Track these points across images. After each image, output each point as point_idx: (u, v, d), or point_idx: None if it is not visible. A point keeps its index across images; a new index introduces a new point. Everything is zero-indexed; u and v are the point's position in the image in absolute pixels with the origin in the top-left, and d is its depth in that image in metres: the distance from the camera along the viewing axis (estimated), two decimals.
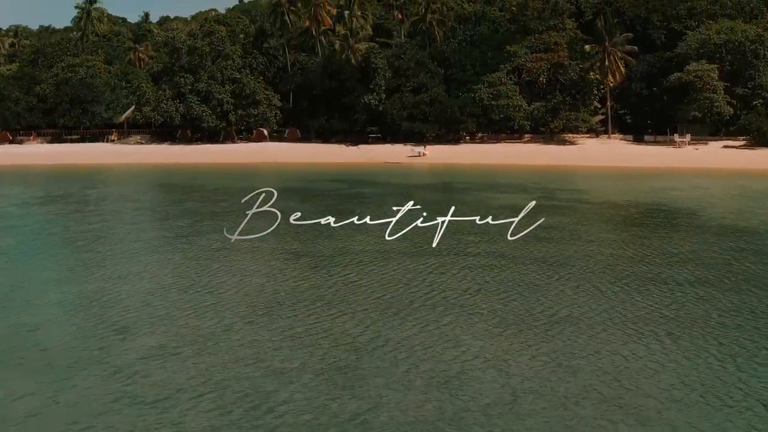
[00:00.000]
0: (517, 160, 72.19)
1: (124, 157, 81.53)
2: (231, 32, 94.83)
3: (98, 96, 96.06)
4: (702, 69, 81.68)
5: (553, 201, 39.77)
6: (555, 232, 28.96)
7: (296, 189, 47.53)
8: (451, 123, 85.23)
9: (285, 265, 23.51)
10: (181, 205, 39.99)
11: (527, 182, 51.95)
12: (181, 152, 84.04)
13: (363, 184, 50.15)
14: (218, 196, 43.63)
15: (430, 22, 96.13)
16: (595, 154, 76.35)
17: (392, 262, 23.42)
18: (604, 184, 50.93)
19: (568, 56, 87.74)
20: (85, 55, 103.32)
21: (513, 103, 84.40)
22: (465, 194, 43.43)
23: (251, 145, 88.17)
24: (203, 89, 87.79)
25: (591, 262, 23.27)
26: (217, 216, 34.34)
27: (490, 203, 38.45)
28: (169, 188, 51.64)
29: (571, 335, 15.97)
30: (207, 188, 49.21)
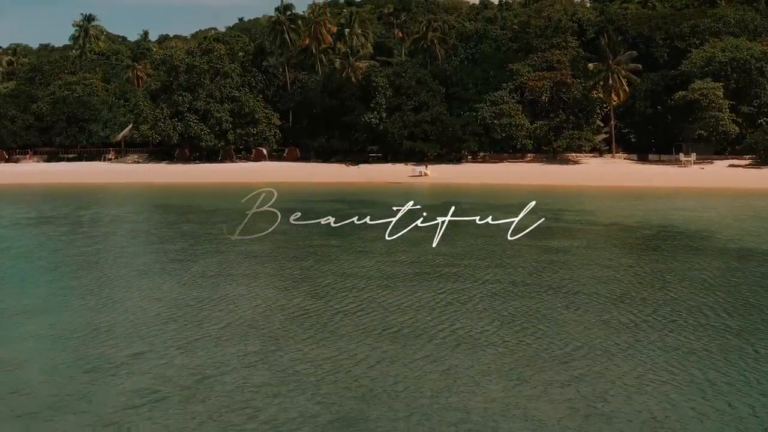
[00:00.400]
0: (521, 179, 70.88)
1: (120, 177, 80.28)
2: (230, 50, 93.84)
3: (95, 114, 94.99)
4: (707, 87, 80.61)
5: (560, 222, 38.38)
6: (566, 256, 27.55)
7: (295, 210, 46.09)
8: (452, 142, 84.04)
9: (282, 293, 22.04)
10: (176, 227, 38.58)
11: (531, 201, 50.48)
12: (179, 172, 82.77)
13: (363, 205, 48.72)
14: (216, 218, 42.20)
15: (432, 40, 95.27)
16: (599, 174, 75.07)
17: (398, 286, 21.93)
18: (611, 204, 49.56)
19: (571, 74, 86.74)
20: (83, 73, 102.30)
21: (515, 122, 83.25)
22: (467, 215, 42.00)
23: (250, 165, 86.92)
24: (201, 108, 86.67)
25: (608, 289, 21.83)
26: (214, 239, 32.93)
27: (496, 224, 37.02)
28: (166, 209, 50.23)
29: (598, 376, 14.51)
30: (204, 209, 47.83)
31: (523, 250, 29.02)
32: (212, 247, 30.39)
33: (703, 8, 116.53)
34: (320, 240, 32.19)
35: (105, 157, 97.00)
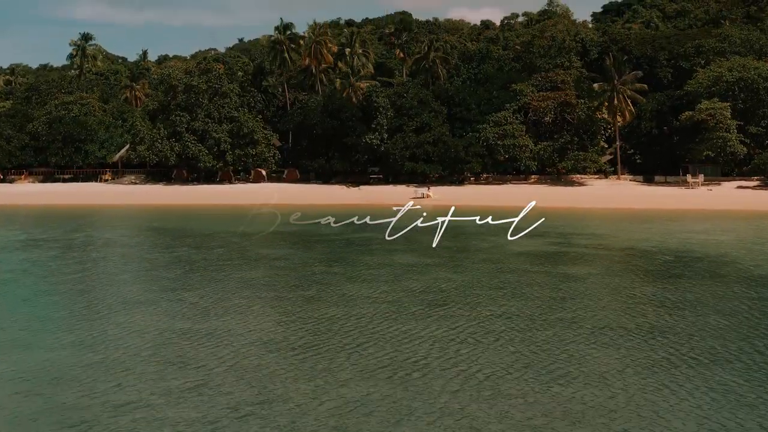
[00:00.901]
0: (525, 202, 68.95)
1: (116, 198, 78.62)
2: (228, 70, 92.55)
3: (92, 134, 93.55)
4: (715, 107, 79.26)
5: (573, 247, 36.64)
6: (584, 285, 25.77)
7: (292, 233, 44.47)
8: (455, 163, 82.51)
9: (280, 328, 20.23)
10: (171, 252, 36.82)
11: (539, 225, 48.81)
12: (176, 193, 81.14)
13: (363, 229, 46.95)
14: (213, 242, 40.48)
15: (433, 60, 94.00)
16: (605, 196, 73.50)
17: (406, 321, 20.12)
18: (621, 227, 47.85)
19: (576, 95, 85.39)
20: (80, 93, 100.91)
21: (519, 143, 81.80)
22: (477, 239, 40.29)
23: (249, 186, 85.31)
24: (200, 128, 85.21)
25: (637, 322, 20.03)
26: (211, 265, 31.17)
27: (507, 249, 35.32)
28: (161, 232, 48.45)
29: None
30: (201, 233, 46.08)
31: (538, 278, 27.27)
32: (207, 275, 28.62)
33: (706, 28, 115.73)
34: (321, 266, 30.43)
35: (101, 177, 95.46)
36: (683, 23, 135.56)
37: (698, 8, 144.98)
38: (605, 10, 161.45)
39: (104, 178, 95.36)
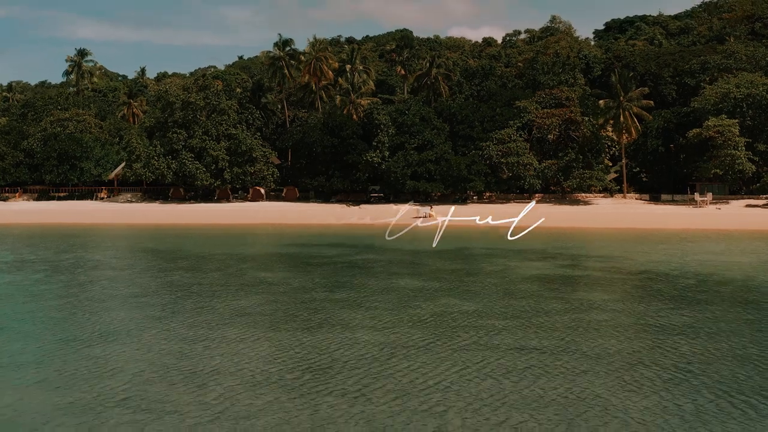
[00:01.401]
0: (530, 221, 67.32)
1: (111, 217, 76.72)
2: (227, 86, 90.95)
3: (87, 152, 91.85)
4: (723, 124, 77.67)
5: (585, 271, 34.68)
6: (604, 314, 23.78)
7: (291, 256, 42.57)
8: (458, 182, 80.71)
9: (275, 367, 18.27)
10: (163, 277, 34.88)
11: (547, 247, 47.00)
12: (173, 212, 79.28)
13: (365, 250, 45.10)
14: (209, 265, 38.52)
15: (436, 77, 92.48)
16: (612, 215, 71.65)
17: (411, 357, 18.17)
18: (634, 248, 45.89)
19: (581, 112, 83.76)
20: (75, 110, 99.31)
21: (523, 161, 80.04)
22: (481, 262, 38.32)
23: (247, 205, 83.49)
24: (197, 145, 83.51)
25: (673, 360, 18.08)
26: (204, 291, 29.25)
27: (516, 273, 33.36)
28: (155, 254, 46.49)
29: None
30: (197, 255, 44.10)
31: (554, 305, 25.28)
32: (199, 302, 26.68)
33: (711, 45, 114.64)
34: (321, 292, 28.47)
35: (97, 196, 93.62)
36: (687, 40, 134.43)
37: (701, 25, 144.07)
38: (607, 27, 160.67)
39: (100, 196, 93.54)
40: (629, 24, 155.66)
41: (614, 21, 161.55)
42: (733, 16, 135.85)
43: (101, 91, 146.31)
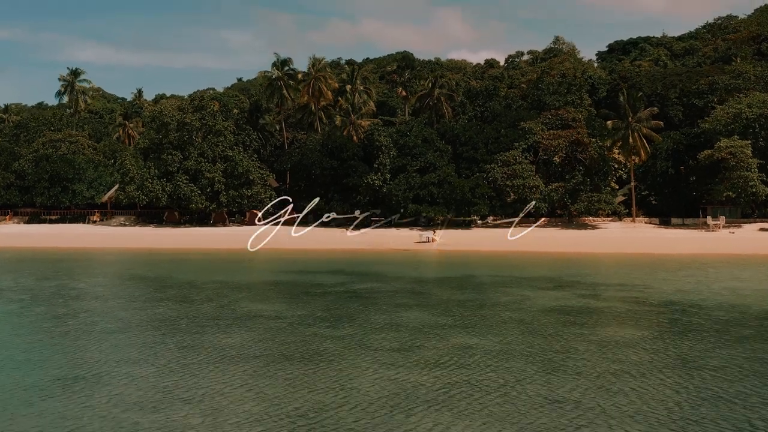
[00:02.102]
0: (538, 246, 64.77)
1: (103, 241, 74.02)
2: (224, 107, 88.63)
3: (80, 173, 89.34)
4: (735, 145, 75.23)
5: (606, 302, 31.92)
6: (639, 353, 21.01)
7: (287, 284, 39.80)
8: (461, 205, 78.09)
9: (258, 428, 15.52)
10: (149, 309, 32.17)
11: (559, 274, 44.28)
12: (167, 236, 76.63)
13: (366, 278, 42.34)
14: (199, 295, 35.79)
15: (438, 97, 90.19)
16: (622, 240, 69.02)
17: (416, 404, 15.41)
18: (653, 276, 43.18)
19: (588, 133, 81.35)
20: (68, 130, 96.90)
21: (529, 184, 77.45)
22: (493, 292, 35.54)
23: (244, 229, 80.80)
24: (192, 167, 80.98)
25: (733, 411, 15.36)
26: (191, 326, 26.54)
27: (533, 304, 30.61)
28: (143, 282, 43.71)
29: None
30: (188, 283, 41.35)
31: (580, 345, 22.48)
32: (184, 340, 23.96)
33: (717, 65, 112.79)
34: (319, 328, 25.73)
35: (89, 219, 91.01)
36: (692, 61, 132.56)
37: (707, 46, 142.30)
38: (610, 49, 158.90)
39: (92, 220, 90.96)
40: (633, 45, 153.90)
41: (617, 43, 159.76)
42: (739, 37, 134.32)
43: (98, 113, 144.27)
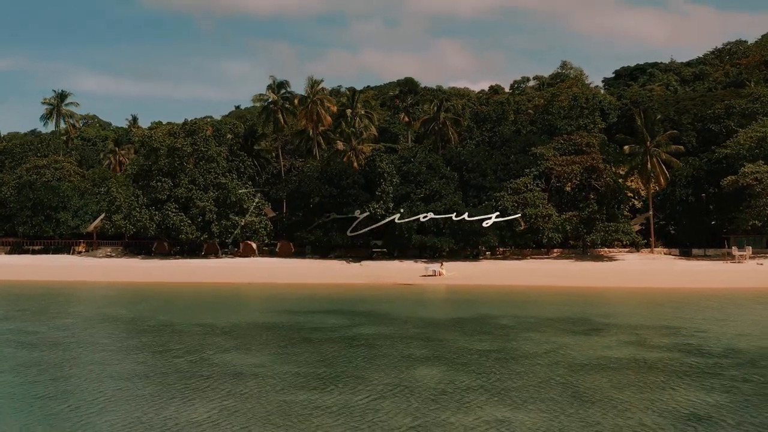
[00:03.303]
0: (554, 280, 59.72)
1: (86, 274, 68.82)
2: (217, 131, 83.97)
3: (65, 201, 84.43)
4: (762, 171, 70.45)
5: (653, 351, 26.82)
6: None
7: (278, 328, 34.67)
8: (469, 236, 73.03)
9: None
10: (126, 357, 27.41)
11: (588, 313, 39.25)
12: (155, 268, 71.52)
13: (369, 320, 37.23)
14: (175, 344, 30.72)
15: (444, 122, 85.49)
16: (645, 273, 63.93)
17: None
18: (696, 315, 38.06)
19: (603, 159, 76.60)
20: (54, 156, 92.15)
21: (542, 213, 72.48)
22: (519, 339, 30.43)
23: (237, 261, 75.77)
24: (183, 195, 76.07)
25: None
26: (157, 389, 21.55)
27: (570, 356, 25.54)
28: (115, 325, 38.59)
29: None
30: (166, 326, 36.20)
31: (646, 417, 17.40)
32: (143, 413, 18.91)
33: (730, 90, 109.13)
34: (307, 391, 20.64)
35: (74, 249, 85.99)
36: (702, 86, 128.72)
37: (717, 71, 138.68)
38: (617, 75, 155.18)
39: (77, 250, 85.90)
40: (641, 71, 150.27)
41: (624, 69, 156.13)
42: (750, 61, 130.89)
43: (90, 140, 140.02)
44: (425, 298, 51.15)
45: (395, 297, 50.63)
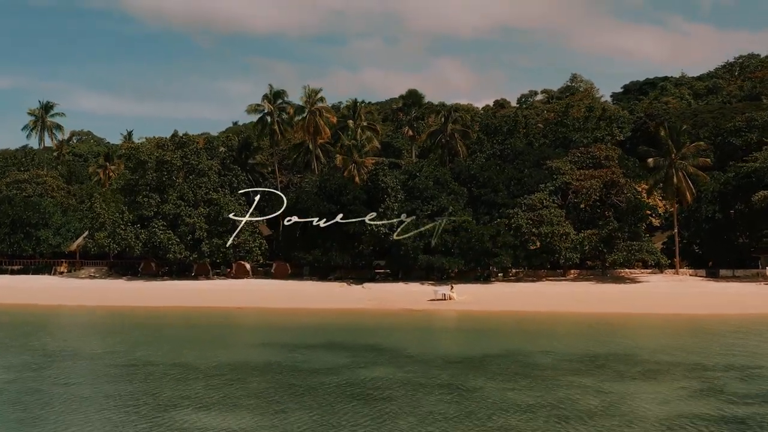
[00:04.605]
0: (578, 305, 54.17)
1: (65, 297, 63.07)
2: (209, 143, 78.58)
3: (46, 218, 78.88)
4: None
5: (741, 405, 21.22)
6: None
7: (270, 370, 28.87)
8: (480, 256, 67.50)
9: None
10: (74, 414, 21.70)
11: (631, 348, 33.82)
12: (140, 291, 65.90)
13: (375, 358, 31.54)
14: (157, 389, 25.28)
15: (452, 134, 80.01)
16: (672, 296, 58.43)
17: None
18: (754, 347, 32.51)
19: (623, 172, 71.27)
20: (36, 170, 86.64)
21: (558, 231, 66.94)
22: (563, 386, 24.81)
23: (229, 283, 70.14)
24: (171, 212, 70.55)
25: None
26: None
27: (636, 411, 19.95)
28: (81, 363, 32.91)
29: None
30: (143, 364, 30.51)
31: None
32: None
33: (747, 103, 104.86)
34: None
35: (56, 269, 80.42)
36: (716, 100, 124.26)
37: (731, 85, 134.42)
38: (626, 90, 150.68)
39: (59, 270, 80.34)
40: (650, 86, 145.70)
41: (633, 83, 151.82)
42: (765, 74, 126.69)
43: (82, 155, 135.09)
44: (438, 327, 45.56)
45: (404, 325, 45.01)
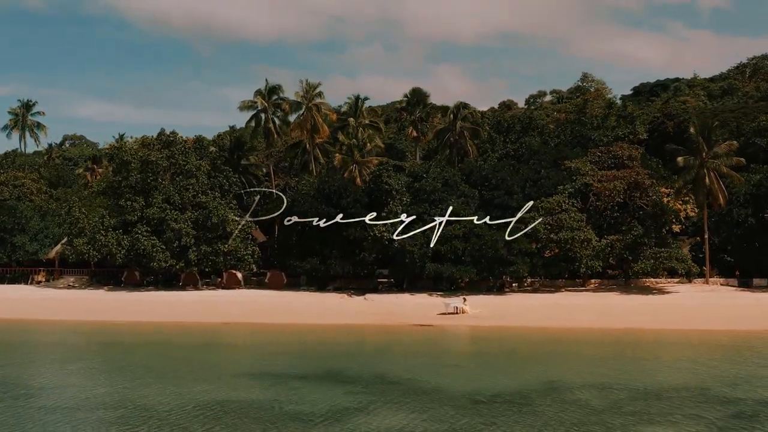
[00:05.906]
0: (606, 320, 48.39)
1: (40, 309, 57.25)
2: (198, 142, 72.80)
3: (22, 223, 73.09)
4: None
5: None
6: None
7: (251, 413, 22.84)
8: (494, 264, 61.74)
9: None
10: None
11: (702, 377, 28.43)
12: (119, 303, 60.06)
13: (381, 394, 25.59)
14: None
15: (461, 132, 74.17)
16: (711, 309, 52.72)
17: None
18: None
19: (648, 173, 65.55)
20: (14, 172, 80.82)
21: (579, 237, 61.15)
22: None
23: (218, 294, 64.30)
24: (155, 216, 64.73)
25: None
26: None
27: None
28: (28, 403, 27.09)
29: None
30: (105, 406, 24.55)
31: None
32: None
33: (765, 103, 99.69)
34: None
35: (33, 278, 74.61)
36: (731, 101, 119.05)
37: (746, 86, 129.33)
38: (636, 92, 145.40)
39: (36, 279, 74.55)
40: (661, 87, 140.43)
41: (643, 85, 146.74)
42: None
43: (72, 159, 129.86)
44: (455, 350, 39.68)
45: (414, 346, 39.20)
